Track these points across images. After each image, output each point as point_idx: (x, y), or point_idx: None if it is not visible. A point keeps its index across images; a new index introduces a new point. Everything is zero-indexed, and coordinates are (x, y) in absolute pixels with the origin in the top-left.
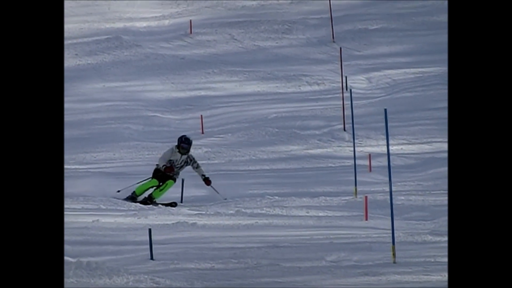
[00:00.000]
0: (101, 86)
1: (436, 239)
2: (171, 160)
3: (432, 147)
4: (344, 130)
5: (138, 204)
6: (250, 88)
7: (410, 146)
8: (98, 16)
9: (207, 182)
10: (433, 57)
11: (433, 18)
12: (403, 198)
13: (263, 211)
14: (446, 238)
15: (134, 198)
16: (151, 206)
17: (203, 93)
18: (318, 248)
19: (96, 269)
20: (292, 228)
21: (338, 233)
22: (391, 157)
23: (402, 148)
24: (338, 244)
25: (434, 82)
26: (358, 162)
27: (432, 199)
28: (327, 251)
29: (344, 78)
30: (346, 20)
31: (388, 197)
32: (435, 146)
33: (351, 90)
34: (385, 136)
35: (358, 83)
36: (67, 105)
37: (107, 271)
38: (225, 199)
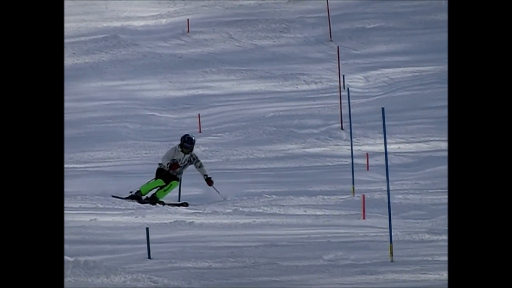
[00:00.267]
0: (98, 85)
1: (434, 237)
2: (175, 160)
3: (429, 145)
4: (342, 129)
5: (143, 204)
6: (248, 87)
7: (407, 145)
8: (96, 15)
9: (209, 183)
10: (430, 56)
11: (430, 17)
12: (400, 197)
13: (261, 210)
14: (443, 237)
15: (139, 197)
16: (148, 205)
17: (200, 92)
18: (316, 247)
19: (94, 268)
20: (289, 227)
21: (335, 232)
22: (388, 156)
23: (399, 147)
24: (335, 243)
25: (432, 81)
26: (355, 161)
27: (430, 198)
28: (324, 250)
29: (341, 77)
30: (343, 19)
31: (386, 196)
32: (433, 145)
33: (348, 89)
34: (382, 135)
35: (356, 82)
36: (65, 104)
37: (105, 270)
38: (224, 199)
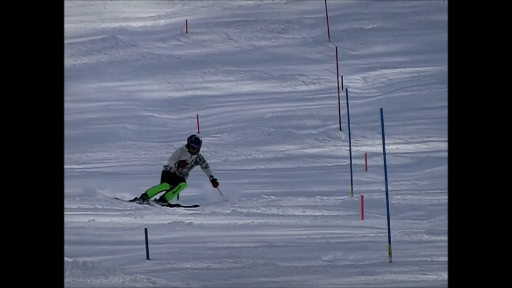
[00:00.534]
0: (97, 86)
1: (432, 238)
2: (181, 160)
3: (428, 146)
4: (340, 129)
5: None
6: (246, 88)
7: (406, 145)
8: (94, 16)
9: (215, 184)
10: (429, 56)
11: (429, 18)
12: (399, 197)
13: (259, 211)
14: (442, 238)
15: (146, 200)
16: (147, 206)
17: (199, 92)
18: (314, 247)
19: (92, 268)
20: (288, 227)
21: (334, 232)
22: (387, 156)
23: (398, 148)
24: (334, 244)
25: (430, 81)
26: (354, 161)
27: (428, 199)
28: (323, 251)
29: (340, 78)
30: (341, 20)
31: (384, 196)
32: (431, 146)
33: (347, 90)
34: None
35: (354, 82)
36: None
37: (103, 271)
38: (226, 201)
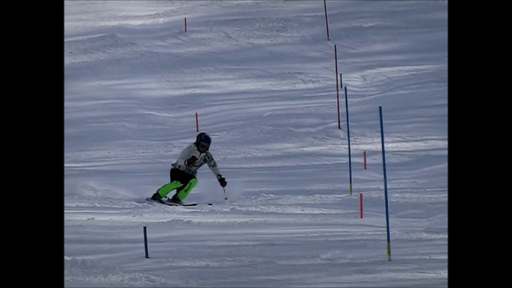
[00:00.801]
0: (96, 84)
1: (431, 236)
2: (191, 156)
3: (427, 144)
4: (339, 127)
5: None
6: (245, 86)
7: (405, 143)
8: (93, 15)
9: (223, 183)
10: (427, 54)
11: (427, 16)
12: (398, 195)
13: (258, 209)
14: (441, 236)
15: (158, 200)
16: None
17: (198, 91)
18: (313, 246)
19: (91, 267)
20: (287, 226)
21: (333, 230)
22: (386, 154)
23: (397, 146)
24: (333, 242)
25: (429, 79)
26: (353, 159)
27: (427, 197)
28: (322, 249)
29: (339, 76)
30: (340, 18)
31: (383, 194)
32: (430, 144)
33: (346, 88)
34: (380, 134)
35: (353, 80)
36: None
37: (102, 269)
38: (225, 199)
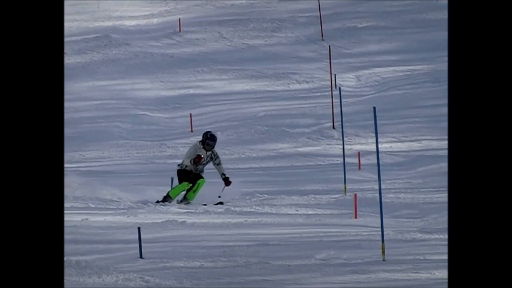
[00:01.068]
0: (90, 85)
1: (426, 236)
2: (197, 155)
3: (421, 144)
4: (333, 128)
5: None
6: (239, 86)
7: (399, 144)
8: (87, 15)
9: (227, 182)
10: (422, 55)
11: (422, 16)
12: (392, 196)
13: (253, 209)
14: (435, 236)
15: (169, 202)
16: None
17: (192, 91)
18: (308, 246)
19: (86, 267)
20: (281, 226)
21: (327, 231)
22: (380, 155)
23: (391, 146)
24: (327, 242)
25: (423, 80)
26: (347, 160)
27: (421, 197)
28: (316, 249)
29: (333, 76)
30: (335, 18)
31: (377, 195)
32: (424, 144)
33: (340, 88)
34: (374, 134)
35: (347, 81)
36: None
37: (97, 270)
38: (219, 197)
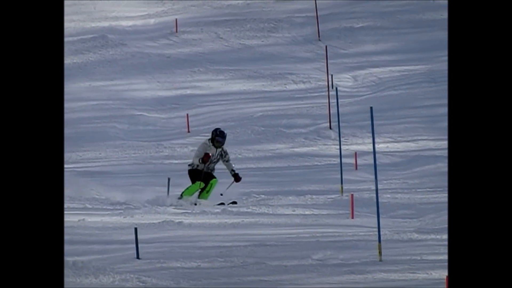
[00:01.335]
0: (87, 85)
1: (422, 237)
2: (205, 154)
3: (417, 145)
4: (330, 128)
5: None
6: (236, 87)
7: (395, 144)
8: (84, 15)
9: (237, 179)
10: (418, 55)
11: (418, 16)
12: (389, 196)
13: (249, 210)
14: (432, 236)
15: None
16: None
17: (189, 91)
18: (304, 246)
19: (82, 268)
20: (278, 226)
21: (324, 231)
22: (377, 155)
23: (388, 146)
24: (324, 243)
25: (420, 80)
26: (344, 160)
27: (418, 197)
28: (313, 250)
29: (330, 77)
30: (331, 19)
31: (374, 195)
32: (421, 144)
33: (337, 89)
34: (371, 134)
35: (344, 81)
36: None
37: (93, 270)
38: (221, 195)
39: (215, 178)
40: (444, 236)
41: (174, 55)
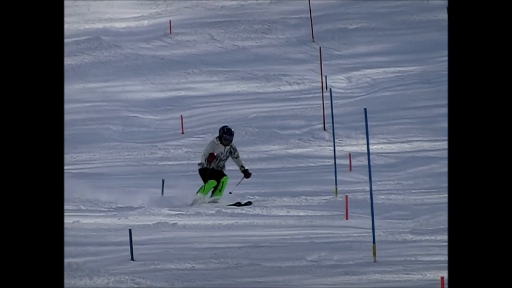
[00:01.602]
0: (80, 87)
1: (417, 238)
2: (210, 154)
3: (412, 146)
4: (324, 129)
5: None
6: (230, 88)
7: (390, 145)
8: (78, 17)
9: (247, 175)
10: (412, 56)
11: (412, 17)
12: (383, 197)
13: (244, 211)
14: (426, 237)
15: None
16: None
17: (183, 93)
18: (299, 247)
19: (77, 270)
20: (272, 227)
21: (318, 232)
22: (371, 156)
23: (382, 147)
24: (318, 244)
25: (414, 81)
26: (338, 161)
27: (412, 198)
28: (307, 251)
29: (324, 78)
30: (325, 20)
31: (369, 196)
32: (415, 145)
33: (331, 90)
34: (365, 135)
35: (338, 82)
36: None
37: (88, 272)
38: (230, 193)
39: (225, 176)
40: (439, 237)
41: (168, 56)
